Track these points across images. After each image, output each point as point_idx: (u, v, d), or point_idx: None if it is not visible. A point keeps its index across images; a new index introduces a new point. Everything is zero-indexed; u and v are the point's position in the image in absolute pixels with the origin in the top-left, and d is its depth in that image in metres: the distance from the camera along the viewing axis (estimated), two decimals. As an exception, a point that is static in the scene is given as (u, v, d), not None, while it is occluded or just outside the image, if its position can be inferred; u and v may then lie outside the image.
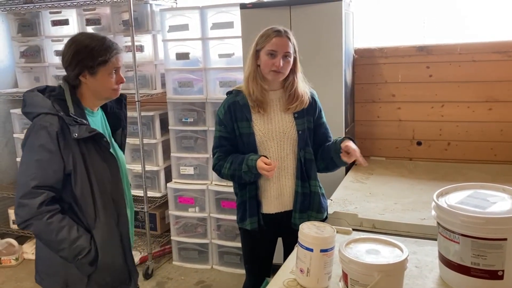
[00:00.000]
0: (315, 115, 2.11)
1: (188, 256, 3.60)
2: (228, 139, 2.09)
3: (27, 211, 1.61)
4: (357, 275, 1.36)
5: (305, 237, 1.50)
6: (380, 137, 3.42)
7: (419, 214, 2.28)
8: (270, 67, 1.97)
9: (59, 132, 1.62)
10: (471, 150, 3.18)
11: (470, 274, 1.39)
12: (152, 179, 3.63)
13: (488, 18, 3.10)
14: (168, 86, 3.46)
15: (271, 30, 1.98)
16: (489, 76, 3.06)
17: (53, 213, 1.62)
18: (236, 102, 2.07)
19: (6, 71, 4.09)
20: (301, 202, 2.08)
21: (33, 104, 1.68)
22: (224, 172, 2.07)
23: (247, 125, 2.05)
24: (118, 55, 1.73)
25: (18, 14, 3.91)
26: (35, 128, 1.63)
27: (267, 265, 2.26)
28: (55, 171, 1.63)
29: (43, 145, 1.61)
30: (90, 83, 1.71)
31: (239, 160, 2.01)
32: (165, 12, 3.40)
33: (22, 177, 1.64)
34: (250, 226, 2.11)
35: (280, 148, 2.07)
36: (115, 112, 1.91)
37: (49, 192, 1.62)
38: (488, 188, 1.56)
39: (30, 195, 1.60)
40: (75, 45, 1.69)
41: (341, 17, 2.78)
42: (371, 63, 3.32)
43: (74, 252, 1.65)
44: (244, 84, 2.07)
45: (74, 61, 1.67)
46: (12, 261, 3.71)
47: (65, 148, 1.63)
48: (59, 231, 1.62)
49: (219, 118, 2.10)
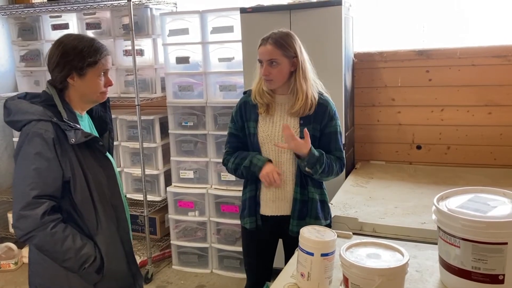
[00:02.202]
0: (322, 123, 2.05)
1: (187, 260, 3.59)
2: (237, 136, 2.16)
3: (29, 223, 1.54)
4: (358, 279, 1.36)
5: (305, 241, 1.50)
6: (380, 141, 3.42)
7: (419, 218, 2.28)
8: (262, 75, 2.02)
9: (55, 138, 1.57)
10: (471, 154, 3.19)
11: (471, 278, 1.39)
12: (152, 183, 3.63)
13: (488, 22, 3.11)
14: (168, 90, 3.46)
15: (261, 39, 2.02)
16: (488, 80, 3.07)
17: (56, 222, 1.57)
18: (247, 102, 2.14)
19: (6, 75, 4.10)
20: (299, 210, 2.07)
21: (20, 111, 1.61)
22: (229, 166, 2.15)
23: (253, 125, 2.10)
24: (107, 57, 1.69)
25: (19, 18, 3.92)
26: (28, 136, 1.57)
27: (267, 269, 2.26)
28: (54, 179, 1.58)
29: (40, 153, 1.55)
30: (78, 86, 1.66)
31: (243, 155, 2.09)
32: (165, 16, 3.41)
33: (20, 188, 1.56)
34: (248, 226, 2.15)
35: (279, 152, 2.07)
36: (100, 116, 1.86)
37: (50, 201, 1.57)
38: (489, 192, 1.56)
39: (32, 205, 1.54)
40: (62, 46, 1.64)
41: (340, 21, 2.79)
42: (371, 67, 3.32)
43: (80, 261, 1.60)
44: (253, 88, 2.13)
45: (62, 62, 1.62)
46: (11, 265, 3.70)
47: (62, 154, 1.58)
48: (64, 240, 1.57)
49: (232, 116, 2.18)
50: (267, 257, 2.26)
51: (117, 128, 3.60)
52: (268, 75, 1.99)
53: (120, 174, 3.61)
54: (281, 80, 2.01)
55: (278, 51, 1.97)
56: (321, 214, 2.12)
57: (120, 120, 3.58)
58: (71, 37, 1.69)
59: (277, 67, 1.98)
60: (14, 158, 1.63)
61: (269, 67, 1.98)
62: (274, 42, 1.97)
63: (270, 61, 1.98)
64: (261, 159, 2.03)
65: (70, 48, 1.63)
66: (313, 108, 2.03)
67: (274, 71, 1.99)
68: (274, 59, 1.97)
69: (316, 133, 2.05)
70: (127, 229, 1.81)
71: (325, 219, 2.13)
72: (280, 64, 1.98)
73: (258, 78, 2.09)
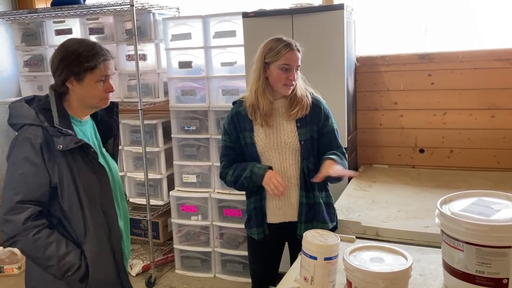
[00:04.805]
0: (319, 124, 2.07)
1: (190, 264, 3.59)
2: (233, 148, 2.11)
3: (12, 228, 1.53)
4: (362, 283, 1.35)
5: (309, 245, 1.50)
6: (382, 144, 3.42)
7: (422, 222, 2.28)
8: (284, 81, 1.98)
9: (43, 143, 1.55)
10: (474, 157, 3.18)
11: (475, 282, 1.38)
12: (155, 187, 3.63)
13: (490, 26, 3.11)
14: (171, 95, 3.47)
15: (282, 44, 1.97)
16: (491, 83, 3.06)
17: (40, 228, 1.55)
18: (239, 112, 2.09)
19: (10, 80, 4.12)
20: (306, 213, 2.07)
21: (17, 115, 1.62)
22: (229, 178, 2.10)
23: (249, 135, 2.07)
24: (106, 62, 1.65)
25: (22, 23, 3.94)
26: (18, 140, 1.57)
27: (273, 274, 2.25)
28: (40, 184, 1.56)
29: (27, 158, 1.54)
30: (76, 90, 1.64)
31: (242, 166, 2.05)
32: (168, 21, 3.43)
33: (6, 192, 1.55)
34: (256, 236, 2.12)
35: (282, 158, 2.06)
36: (105, 121, 1.84)
37: (35, 206, 1.55)
38: (492, 196, 1.56)
39: (15, 210, 1.53)
40: (63, 50, 1.63)
41: (342, 25, 2.80)
42: (373, 71, 3.33)
43: (63, 269, 1.57)
44: (251, 97, 2.04)
45: (61, 66, 1.61)
46: (14, 269, 3.70)
47: (49, 160, 1.56)
48: (47, 247, 1.55)
49: (224, 128, 2.13)
50: (274, 263, 2.25)
51: (120, 133, 3.60)
52: (294, 80, 1.99)
53: (123, 179, 3.63)
54: (294, 86, 2.04)
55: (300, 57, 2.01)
56: (328, 217, 2.11)
57: (123, 124, 3.59)
58: (73, 41, 1.67)
59: (297, 72, 2.01)
60: (6, 161, 1.62)
61: (295, 72, 1.99)
62: (298, 49, 2.00)
63: (297, 67, 2.00)
64: (261, 167, 2.00)
65: (69, 52, 1.62)
66: (308, 108, 2.04)
67: (296, 76, 2.01)
68: (299, 65, 2.00)
69: (314, 134, 2.06)
70: (120, 238, 1.77)
71: (331, 221, 2.13)
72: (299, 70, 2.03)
73: (261, 87, 2.01)
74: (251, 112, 2.04)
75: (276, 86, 2.00)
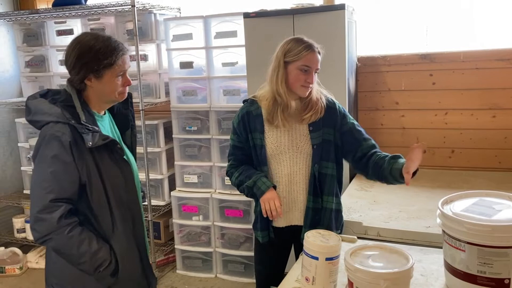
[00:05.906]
0: (337, 124, 2.01)
1: (192, 264, 3.59)
2: (241, 148, 2.09)
3: (46, 226, 1.53)
4: (363, 284, 1.35)
5: (310, 245, 1.50)
6: (384, 145, 3.39)
7: (424, 222, 2.28)
8: (302, 82, 1.93)
9: (72, 141, 1.54)
10: (475, 157, 3.18)
11: (477, 283, 1.38)
12: (156, 188, 3.63)
13: (491, 26, 3.11)
14: (172, 95, 3.48)
15: (303, 45, 1.93)
16: (492, 83, 3.06)
17: (73, 226, 1.56)
18: (250, 112, 2.05)
19: (11, 81, 4.13)
20: (311, 218, 2.02)
21: (40, 111, 1.59)
22: (233, 180, 2.10)
23: (260, 137, 2.02)
24: (124, 56, 1.64)
25: (24, 24, 3.95)
26: (46, 138, 1.55)
27: (278, 275, 2.24)
28: (71, 182, 1.56)
29: (56, 156, 1.53)
30: (95, 87, 1.63)
31: (248, 173, 2.02)
32: (169, 21, 3.43)
33: (37, 190, 1.56)
34: (261, 239, 2.11)
35: (292, 162, 2.01)
36: (122, 113, 1.84)
37: (67, 204, 1.56)
38: (494, 196, 1.56)
39: (48, 208, 1.53)
40: (78, 47, 1.60)
41: (344, 25, 2.80)
42: (374, 71, 3.33)
43: (95, 265, 1.59)
44: (273, 95, 1.96)
45: (78, 64, 1.59)
46: (16, 270, 3.71)
47: (79, 158, 1.56)
48: (80, 244, 1.56)
49: (233, 127, 2.10)
50: (279, 265, 2.24)
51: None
52: (312, 82, 1.94)
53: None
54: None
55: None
56: (334, 224, 2.06)
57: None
58: (88, 37, 1.64)
59: (316, 75, 1.97)
60: (32, 159, 1.62)
61: (314, 75, 1.95)
62: (319, 51, 1.96)
63: (317, 69, 1.96)
64: (266, 183, 1.95)
65: (86, 49, 1.59)
66: (323, 112, 1.99)
67: (315, 79, 1.97)
68: (319, 68, 1.96)
69: (330, 137, 2.00)
70: (143, 232, 1.80)
71: (336, 229, 2.08)
72: None
73: (284, 84, 1.94)
74: (272, 111, 1.97)
75: (294, 86, 1.94)
